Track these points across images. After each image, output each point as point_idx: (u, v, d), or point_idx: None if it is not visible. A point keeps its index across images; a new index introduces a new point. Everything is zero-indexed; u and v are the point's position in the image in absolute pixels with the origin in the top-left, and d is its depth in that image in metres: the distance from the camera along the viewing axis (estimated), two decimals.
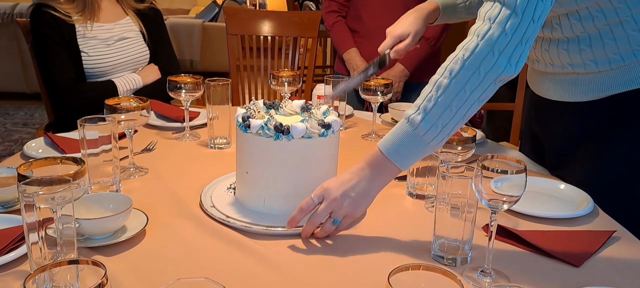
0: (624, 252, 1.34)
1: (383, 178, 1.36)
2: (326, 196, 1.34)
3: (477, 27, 1.30)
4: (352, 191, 1.34)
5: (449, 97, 1.29)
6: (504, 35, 1.26)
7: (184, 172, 1.77)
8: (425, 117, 1.30)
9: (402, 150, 1.33)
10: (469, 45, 1.29)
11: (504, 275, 1.22)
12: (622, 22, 1.53)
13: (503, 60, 1.27)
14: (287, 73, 2.29)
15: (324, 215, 1.34)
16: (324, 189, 1.34)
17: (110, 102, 1.68)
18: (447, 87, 1.29)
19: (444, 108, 1.29)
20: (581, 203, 1.55)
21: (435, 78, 1.32)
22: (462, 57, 1.29)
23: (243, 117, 1.44)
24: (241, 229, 1.38)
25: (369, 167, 1.35)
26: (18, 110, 6.16)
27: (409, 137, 1.32)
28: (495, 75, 1.28)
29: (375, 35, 3.13)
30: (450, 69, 1.29)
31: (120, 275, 1.17)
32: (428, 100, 1.30)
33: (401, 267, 0.88)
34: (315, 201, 1.34)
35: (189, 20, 6.97)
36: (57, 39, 2.51)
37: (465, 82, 1.28)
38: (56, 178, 1.10)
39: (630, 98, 1.59)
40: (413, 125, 1.31)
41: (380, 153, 1.34)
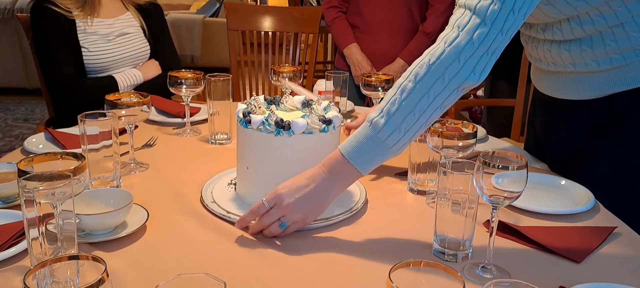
0: (625, 248, 1.34)
1: (342, 184, 1.34)
2: (278, 202, 1.31)
3: (446, 34, 1.30)
4: (306, 198, 1.32)
5: (413, 101, 1.28)
6: (471, 44, 1.26)
7: (184, 167, 1.77)
8: (388, 120, 1.29)
9: (363, 154, 1.31)
10: (436, 51, 1.28)
11: (505, 271, 1.22)
12: (623, 23, 1.52)
13: (468, 68, 1.27)
14: (288, 68, 2.28)
15: (273, 219, 1.32)
16: (276, 195, 1.32)
17: (110, 98, 1.68)
18: (411, 91, 1.28)
19: (407, 112, 1.28)
20: (582, 199, 1.55)
21: (400, 81, 1.31)
22: (428, 61, 1.28)
23: (244, 113, 1.43)
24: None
25: (328, 171, 1.33)
26: (19, 106, 6.16)
27: (371, 140, 1.31)
28: (458, 83, 1.28)
29: (375, 31, 3.15)
30: (416, 72, 1.29)
31: (120, 271, 1.17)
32: (392, 104, 1.29)
33: (402, 263, 0.88)
34: (266, 206, 1.32)
35: (190, 16, 6.96)
36: (58, 35, 2.51)
37: (429, 87, 1.27)
38: (56, 174, 1.10)
39: (632, 96, 1.59)
40: (376, 129, 1.30)
41: (341, 156, 1.32)
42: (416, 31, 3.14)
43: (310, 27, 3.40)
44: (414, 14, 3.12)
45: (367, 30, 3.15)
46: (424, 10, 3.13)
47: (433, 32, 3.05)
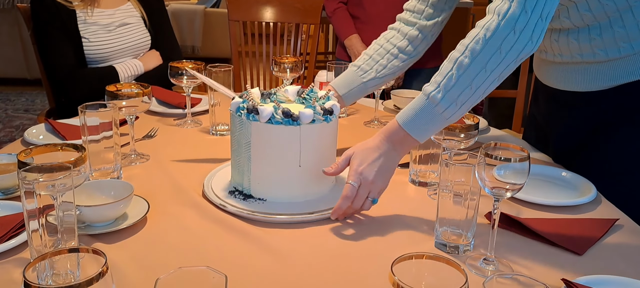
0: (626, 239, 1.34)
1: (404, 150, 1.41)
2: (363, 180, 1.37)
3: (497, 6, 1.30)
4: (383, 168, 1.38)
5: (470, 76, 1.30)
6: (524, 13, 1.26)
7: (185, 158, 1.76)
8: (445, 95, 1.31)
9: (421, 125, 1.36)
10: (490, 25, 1.28)
11: (507, 263, 1.22)
12: (632, 7, 1.51)
13: (524, 38, 1.27)
14: (289, 59, 2.28)
15: (364, 197, 1.38)
16: (359, 174, 1.37)
17: (111, 89, 1.68)
18: (468, 66, 1.29)
19: (464, 87, 1.31)
20: (584, 191, 1.55)
21: (455, 55, 1.32)
22: (483, 36, 1.29)
23: (249, 107, 1.41)
24: (245, 217, 1.38)
25: (390, 141, 1.39)
26: (19, 96, 6.16)
27: (428, 113, 1.34)
28: (516, 54, 1.28)
29: (376, 21, 3.13)
30: (472, 48, 1.29)
31: (121, 263, 1.17)
32: (448, 79, 1.31)
33: (404, 256, 0.88)
34: (355, 186, 1.36)
35: (191, 6, 6.94)
36: (58, 25, 2.50)
37: (486, 61, 1.29)
38: (56, 165, 1.10)
39: (636, 88, 1.58)
40: (433, 103, 1.33)
41: (399, 127, 1.37)
42: None
43: (311, 18, 3.39)
44: None
45: (368, 21, 3.14)
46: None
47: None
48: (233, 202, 1.43)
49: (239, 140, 1.46)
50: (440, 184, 1.25)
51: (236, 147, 1.48)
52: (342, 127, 2.08)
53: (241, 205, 1.42)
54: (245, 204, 1.42)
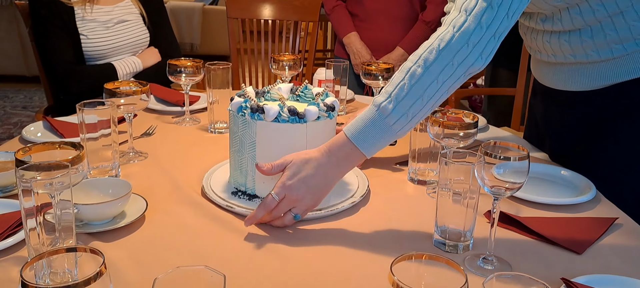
0: (626, 239, 1.33)
1: (348, 166, 1.36)
2: (288, 194, 1.31)
3: (454, 18, 1.29)
4: (315, 185, 1.32)
5: (422, 87, 1.28)
6: (479, 28, 1.26)
7: (183, 156, 1.76)
8: (396, 106, 1.29)
9: (369, 138, 1.31)
10: (445, 36, 1.28)
11: (506, 262, 1.21)
12: (623, 12, 1.51)
13: (476, 53, 1.27)
14: (287, 57, 2.27)
15: (284, 210, 1.32)
16: (285, 187, 1.31)
17: (109, 86, 1.67)
18: (420, 76, 1.28)
19: (416, 98, 1.28)
20: (583, 190, 1.55)
21: (407, 66, 1.31)
22: (437, 47, 1.28)
23: (253, 107, 1.40)
24: (245, 215, 1.37)
25: (335, 156, 1.33)
26: (17, 93, 6.15)
27: (378, 125, 1.31)
28: (466, 68, 1.28)
29: (375, 19, 3.13)
30: (425, 58, 1.28)
31: (119, 262, 1.16)
32: (400, 89, 1.29)
33: (404, 256, 0.87)
34: (276, 199, 1.31)
35: (190, 4, 6.94)
36: (56, 22, 2.50)
37: (438, 72, 1.27)
38: (54, 164, 1.09)
39: (633, 87, 1.58)
40: (384, 114, 1.30)
41: (347, 140, 1.32)
42: (416, 20, 3.13)
43: (310, 16, 3.39)
44: (414, 3, 3.11)
45: (367, 19, 3.14)
46: None
47: (433, 21, 3.04)
48: (238, 202, 1.42)
49: (242, 140, 1.44)
50: (440, 183, 1.25)
51: (238, 147, 1.46)
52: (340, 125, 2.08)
53: (247, 205, 1.41)
54: (252, 204, 1.41)
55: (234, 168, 1.50)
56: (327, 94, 1.52)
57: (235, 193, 1.47)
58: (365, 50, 3.13)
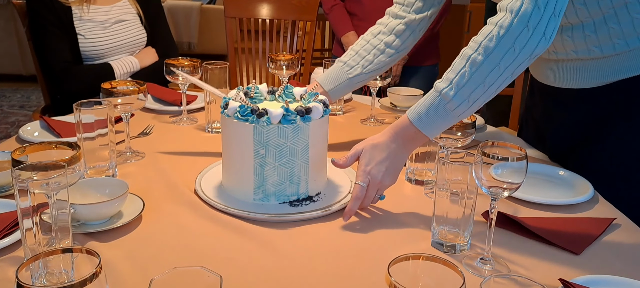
0: (624, 239, 1.33)
1: (413, 146, 1.44)
2: (372, 180, 1.38)
3: (509, 3, 1.29)
4: (391, 167, 1.40)
5: (483, 74, 1.30)
6: (537, 10, 1.26)
7: (181, 156, 1.76)
8: (457, 92, 1.32)
9: (431, 122, 1.37)
10: (504, 22, 1.28)
11: (504, 262, 1.21)
12: (627, 4, 1.51)
13: (537, 35, 1.27)
14: (285, 56, 2.27)
15: (373, 196, 1.40)
16: (367, 173, 1.38)
17: (106, 86, 1.67)
18: (481, 64, 1.29)
19: (477, 84, 1.31)
20: (581, 190, 1.54)
21: (468, 53, 1.32)
22: (497, 34, 1.29)
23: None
24: (240, 216, 1.37)
25: (401, 138, 1.40)
26: (15, 92, 6.14)
27: (439, 109, 1.35)
28: (530, 51, 1.29)
29: (374, 18, 3.11)
30: (485, 45, 1.29)
31: (115, 262, 1.16)
32: (461, 76, 1.31)
33: (401, 257, 0.87)
34: (364, 186, 1.38)
35: (187, 3, 6.93)
36: (54, 21, 2.49)
37: (499, 59, 1.29)
38: (51, 164, 1.09)
39: (634, 84, 1.58)
40: (445, 100, 1.33)
41: (410, 123, 1.38)
42: None
43: (308, 15, 3.38)
44: None
45: (366, 18, 3.13)
46: None
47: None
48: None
49: (292, 147, 1.40)
50: (437, 183, 1.24)
51: (287, 157, 1.41)
52: (338, 124, 2.09)
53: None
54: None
55: (279, 180, 1.42)
56: (315, 93, 1.51)
57: (292, 204, 1.44)
58: None
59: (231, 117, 1.41)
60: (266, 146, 1.38)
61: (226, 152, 1.47)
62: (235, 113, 1.40)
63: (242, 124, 1.38)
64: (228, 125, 1.42)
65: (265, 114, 1.37)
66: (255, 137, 1.38)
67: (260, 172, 1.41)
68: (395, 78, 3.09)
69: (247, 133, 1.38)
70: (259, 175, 1.41)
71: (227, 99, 1.45)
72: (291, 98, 1.51)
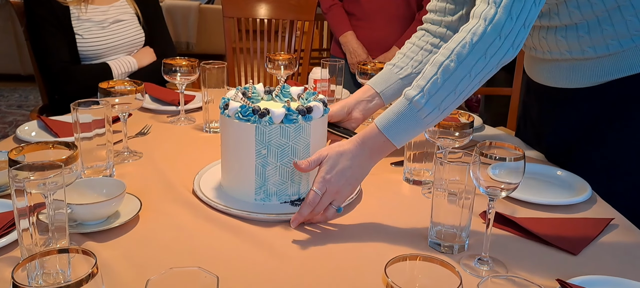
0: (622, 239, 1.33)
1: (379, 156, 1.39)
2: (329, 188, 1.34)
3: (483, 11, 1.30)
4: (352, 177, 1.36)
5: (455, 81, 1.29)
6: (510, 19, 1.27)
7: (178, 156, 1.75)
8: (429, 99, 1.31)
9: (401, 130, 1.34)
10: (477, 30, 1.29)
11: (502, 263, 1.21)
12: (620, 7, 1.51)
13: (507, 44, 1.28)
14: (283, 56, 2.27)
15: (326, 204, 1.36)
16: (325, 181, 1.35)
17: (104, 86, 1.66)
18: (454, 71, 1.29)
19: (448, 92, 1.30)
20: (579, 190, 1.54)
21: (439, 60, 1.31)
22: (470, 41, 1.29)
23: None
24: (241, 217, 1.37)
25: (368, 147, 1.36)
26: (13, 92, 6.13)
27: (410, 117, 1.33)
28: (499, 59, 1.29)
29: (372, 18, 3.13)
30: (458, 52, 1.29)
31: (112, 262, 1.16)
32: (433, 83, 1.30)
33: (398, 257, 0.87)
34: (318, 194, 1.34)
35: (186, 3, 6.92)
36: (52, 21, 2.49)
37: (471, 66, 1.29)
38: (48, 164, 1.09)
39: (629, 84, 1.58)
40: (416, 107, 1.32)
41: (379, 132, 1.35)
42: (412, 19, 3.12)
43: (306, 15, 3.38)
44: (410, 2, 3.10)
45: (364, 18, 3.13)
46: None
47: None
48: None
49: (294, 146, 1.40)
50: (435, 183, 1.24)
51: (288, 157, 1.41)
52: None
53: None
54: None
55: (281, 180, 1.43)
56: (310, 93, 1.52)
57: (293, 203, 1.44)
58: (361, 50, 3.13)
59: (232, 118, 1.40)
60: (268, 146, 1.38)
61: (226, 152, 1.47)
62: (236, 113, 1.39)
63: (244, 124, 1.38)
64: (228, 125, 1.42)
65: (267, 113, 1.37)
66: (257, 137, 1.37)
67: (262, 172, 1.40)
68: None
69: (248, 133, 1.38)
70: (261, 175, 1.41)
71: (226, 99, 1.44)
72: (289, 97, 1.50)
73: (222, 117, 1.43)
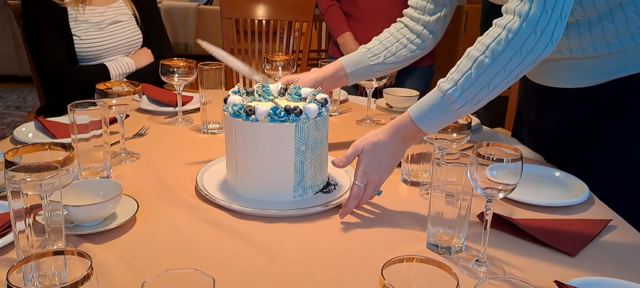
0: (619, 241, 1.33)
1: (411, 143, 1.46)
2: (370, 179, 1.40)
3: (517, 6, 1.30)
4: (389, 165, 1.42)
5: (489, 76, 1.30)
6: (545, 13, 1.27)
7: (176, 157, 1.75)
8: (462, 93, 1.32)
9: (434, 120, 1.38)
10: (512, 26, 1.29)
11: (499, 264, 1.21)
12: (622, 3, 1.51)
13: (545, 39, 1.28)
14: (281, 57, 2.26)
15: (370, 194, 1.42)
16: (366, 173, 1.40)
17: (101, 87, 1.66)
18: (488, 66, 1.30)
19: (482, 86, 1.32)
20: (577, 191, 1.54)
21: (474, 55, 1.32)
22: (505, 37, 1.29)
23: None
24: (244, 213, 1.38)
25: (399, 135, 1.41)
26: (11, 93, 6.13)
27: (442, 109, 1.36)
28: (536, 55, 1.29)
29: (370, 19, 3.12)
30: (493, 48, 1.30)
31: (109, 264, 1.15)
32: (467, 78, 1.32)
33: (395, 259, 0.87)
34: (361, 186, 1.39)
35: (184, 4, 6.92)
36: (49, 22, 2.48)
37: (506, 62, 1.29)
38: (44, 165, 1.09)
39: (629, 83, 1.57)
40: (449, 100, 1.34)
41: (411, 121, 1.38)
42: None
43: (304, 16, 3.38)
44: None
45: (362, 19, 3.13)
46: None
47: None
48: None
49: (316, 140, 1.44)
50: (433, 184, 1.24)
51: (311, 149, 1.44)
52: (334, 125, 2.08)
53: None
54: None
55: (314, 172, 1.47)
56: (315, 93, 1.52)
57: (323, 191, 1.51)
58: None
59: (263, 121, 1.39)
60: (306, 141, 1.41)
61: (255, 157, 1.43)
62: (268, 116, 1.39)
63: (280, 125, 1.39)
64: (260, 130, 1.40)
65: (301, 111, 1.40)
66: (297, 134, 1.40)
67: (301, 168, 1.43)
68: (391, 79, 3.09)
69: (287, 133, 1.39)
70: (299, 172, 1.44)
71: (242, 105, 1.43)
72: (299, 96, 1.54)
73: (247, 124, 1.40)
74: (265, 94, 1.52)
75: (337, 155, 1.44)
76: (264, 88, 1.53)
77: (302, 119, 1.39)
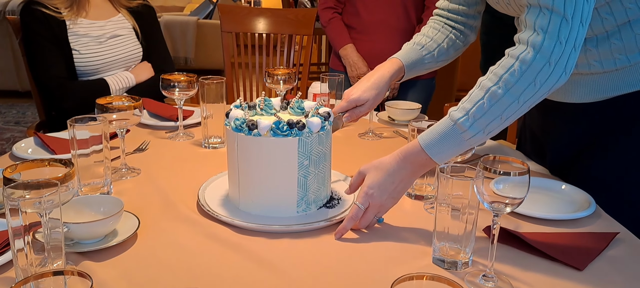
0: (627, 254, 1.31)
1: (421, 171, 1.42)
2: (372, 202, 1.37)
3: (530, 37, 1.29)
4: (394, 192, 1.39)
5: (502, 107, 1.30)
6: (559, 44, 1.26)
7: (177, 172, 1.74)
8: (474, 123, 1.31)
9: (445, 150, 1.35)
10: (526, 57, 1.28)
11: (507, 279, 1.19)
12: (631, 21, 1.50)
13: (559, 70, 1.28)
14: (282, 71, 2.25)
15: (370, 218, 1.39)
16: (368, 196, 1.37)
17: (101, 101, 1.65)
18: (501, 97, 1.29)
19: (494, 117, 1.31)
20: (583, 204, 1.52)
21: (487, 85, 1.32)
22: (518, 68, 1.28)
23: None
24: (247, 228, 1.37)
25: (410, 163, 1.38)
26: (10, 108, 6.12)
27: (453, 138, 1.34)
28: (550, 86, 1.29)
29: (372, 31, 3.12)
30: (506, 79, 1.29)
31: (110, 282, 1.13)
32: (479, 108, 1.31)
33: (405, 277, 0.85)
34: (362, 208, 1.37)
35: (184, 18, 6.94)
36: (48, 37, 2.47)
37: (519, 93, 1.29)
38: (43, 182, 1.07)
39: (636, 98, 1.56)
40: (460, 130, 1.33)
41: (421, 149, 1.36)
42: (413, 32, 3.11)
43: (304, 29, 3.38)
44: (410, 14, 3.09)
45: (364, 31, 3.12)
46: (420, 10, 3.11)
47: None
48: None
49: (321, 153, 1.44)
50: (438, 198, 1.22)
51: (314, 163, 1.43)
52: (337, 139, 2.06)
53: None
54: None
55: (317, 187, 1.46)
56: (319, 107, 1.51)
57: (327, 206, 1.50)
58: (361, 62, 3.11)
59: (265, 136, 1.38)
60: (309, 156, 1.40)
61: (259, 172, 1.42)
62: (271, 130, 1.38)
63: (284, 139, 1.37)
64: (262, 144, 1.38)
65: (305, 125, 1.39)
66: (300, 149, 1.39)
67: (304, 182, 1.42)
68: (393, 92, 3.08)
69: (290, 147, 1.38)
70: (303, 186, 1.42)
71: (243, 119, 1.42)
72: (302, 110, 1.52)
73: (249, 139, 1.39)
74: (267, 108, 1.51)
75: (339, 169, 1.43)
76: (266, 102, 1.52)
77: (305, 133, 1.38)
